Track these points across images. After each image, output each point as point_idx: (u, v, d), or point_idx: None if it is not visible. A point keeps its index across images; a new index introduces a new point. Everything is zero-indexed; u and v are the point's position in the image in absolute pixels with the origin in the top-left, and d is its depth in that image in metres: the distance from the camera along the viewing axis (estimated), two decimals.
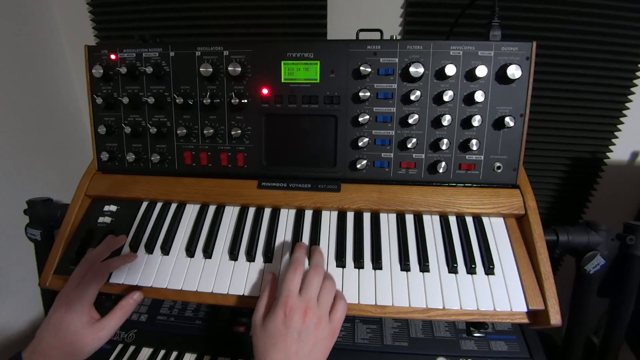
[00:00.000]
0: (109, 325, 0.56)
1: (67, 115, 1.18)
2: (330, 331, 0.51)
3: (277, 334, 0.48)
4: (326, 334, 0.51)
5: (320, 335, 0.50)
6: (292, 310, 0.49)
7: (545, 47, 0.96)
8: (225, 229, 0.67)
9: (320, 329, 0.50)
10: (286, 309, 0.49)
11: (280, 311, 0.50)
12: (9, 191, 0.95)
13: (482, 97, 0.62)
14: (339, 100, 0.66)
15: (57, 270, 0.65)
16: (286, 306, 0.50)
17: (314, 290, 0.52)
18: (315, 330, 0.49)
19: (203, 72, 0.65)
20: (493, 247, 0.62)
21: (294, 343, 0.48)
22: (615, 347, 0.75)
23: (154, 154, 0.70)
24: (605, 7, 0.95)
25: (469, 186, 0.67)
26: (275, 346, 0.48)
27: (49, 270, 0.65)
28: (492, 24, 0.63)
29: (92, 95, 0.70)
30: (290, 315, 0.49)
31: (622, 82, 1.02)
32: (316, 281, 0.53)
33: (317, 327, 0.50)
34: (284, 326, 0.49)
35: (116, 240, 0.65)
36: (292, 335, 0.48)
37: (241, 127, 0.68)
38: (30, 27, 1.04)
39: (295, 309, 0.49)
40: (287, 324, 0.49)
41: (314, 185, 0.68)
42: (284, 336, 0.48)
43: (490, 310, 0.56)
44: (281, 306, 0.50)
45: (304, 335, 0.49)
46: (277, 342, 0.48)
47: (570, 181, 1.12)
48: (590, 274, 0.67)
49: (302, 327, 0.49)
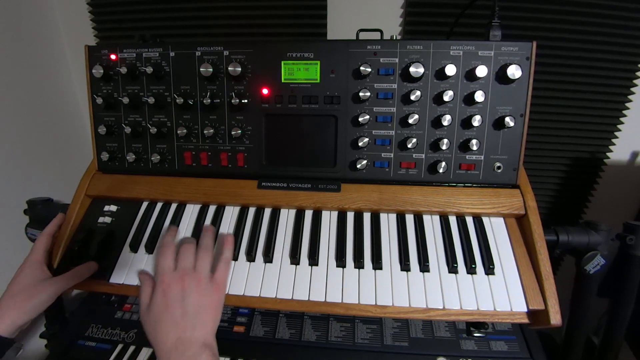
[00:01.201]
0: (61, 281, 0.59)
1: (67, 115, 1.18)
2: (213, 288, 0.53)
3: (162, 309, 0.50)
4: (210, 291, 0.53)
5: (204, 293, 0.52)
6: (170, 284, 0.52)
7: (545, 47, 0.96)
8: (226, 229, 0.67)
9: (201, 289, 0.52)
10: (164, 286, 0.52)
11: (159, 290, 0.52)
12: (9, 191, 0.95)
13: (482, 97, 0.62)
14: (339, 100, 0.66)
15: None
16: (163, 283, 0.52)
17: (187, 261, 0.55)
18: (196, 291, 0.52)
19: (203, 72, 0.65)
20: (493, 247, 0.62)
21: (178, 307, 0.50)
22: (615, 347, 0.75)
23: (154, 154, 0.70)
24: (605, 7, 0.95)
25: (469, 186, 0.67)
26: (161, 320, 0.50)
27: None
28: (492, 24, 0.63)
29: (92, 95, 0.70)
30: (169, 289, 0.51)
31: (622, 82, 1.02)
32: (188, 254, 0.56)
33: (198, 288, 0.52)
34: (165, 300, 0.51)
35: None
36: (175, 304, 0.50)
37: (241, 127, 0.68)
38: (30, 27, 1.04)
39: (172, 282, 0.52)
40: (168, 296, 0.51)
41: (314, 185, 0.68)
42: (166, 308, 0.50)
43: (490, 310, 0.56)
44: (159, 285, 0.52)
45: (187, 298, 0.51)
46: (163, 316, 0.50)
47: (570, 181, 1.12)
48: (590, 274, 0.67)
49: (183, 294, 0.51)
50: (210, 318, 0.52)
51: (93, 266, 0.63)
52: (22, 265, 0.60)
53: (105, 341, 0.73)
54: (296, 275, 0.60)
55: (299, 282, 0.60)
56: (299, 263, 0.62)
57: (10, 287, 0.57)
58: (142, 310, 0.53)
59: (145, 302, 0.54)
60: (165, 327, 0.49)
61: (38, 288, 0.57)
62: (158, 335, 0.49)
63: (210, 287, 0.53)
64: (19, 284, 0.57)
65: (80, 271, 0.61)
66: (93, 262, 0.63)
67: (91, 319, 0.78)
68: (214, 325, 0.52)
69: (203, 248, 0.58)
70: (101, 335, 0.74)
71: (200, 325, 0.50)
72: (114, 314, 0.79)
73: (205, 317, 0.51)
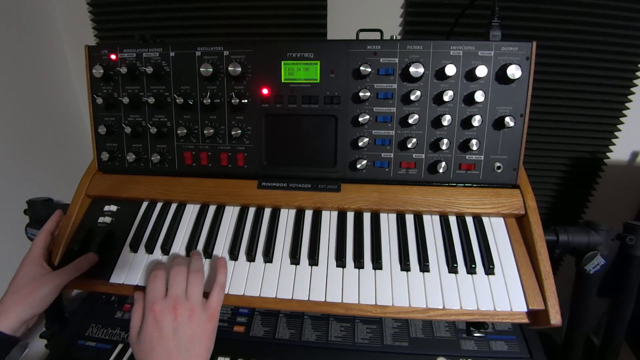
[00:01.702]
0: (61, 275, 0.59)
1: (67, 115, 1.18)
2: (207, 317, 0.52)
3: (153, 340, 0.49)
4: (203, 320, 0.51)
5: (197, 323, 0.50)
6: (161, 312, 0.50)
7: (545, 47, 0.96)
8: (226, 229, 0.67)
9: (194, 319, 0.50)
10: (155, 314, 0.50)
11: (149, 318, 0.50)
12: (9, 191, 0.95)
13: (482, 97, 0.62)
14: (339, 100, 0.66)
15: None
16: (154, 311, 0.50)
17: (179, 287, 0.52)
18: (190, 322, 0.50)
19: (203, 72, 0.65)
20: (493, 247, 0.62)
21: (171, 340, 0.48)
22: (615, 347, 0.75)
23: (154, 154, 0.70)
24: (605, 7, 0.95)
25: (469, 186, 0.67)
26: (154, 351, 0.48)
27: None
28: (492, 24, 0.63)
29: (92, 95, 0.70)
30: (160, 317, 0.49)
31: (622, 82, 1.02)
32: (179, 279, 0.53)
33: (191, 318, 0.50)
34: (157, 330, 0.49)
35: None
36: (167, 334, 0.49)
37: (241, 127, 0.68)
38: (30, 27, 1.04)
39: (163, 311, 0.50)
40: (159, 326, 0.49)
41: (314, 185, 0.68)
42: (159, 339, 0.48)
43: (490, 310, 0.56)
44: (149, 313, 0.50)
45: (180, 329, 0.49)
46: (155, 347, 0.48)
47: (570, 181, 1.12)
48: (590, 274, 0.67)
49: (175, 324, 0.49)
50: (204, 348, 0.51)
51: (93, 257, 0.63)
52: (21, 263, 0.60)
53: (105, 341, 0.73)
54: (296, 275, 0.60)
55: (299, 282, 0.60)
56: (299, 263, 0.62)
57: (12, 285, 0.57)
58: (133, 335, 0.52)
59: (136, 326, 0.52)
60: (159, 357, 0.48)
61: (40, 282, 0.57)
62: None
63: (203, 317, 0.52)
64: (20, 280, 0.58)
65: (81, 263, 0.61)
66: (93, 253, 0.63)
67: (91, 319, 0.78)
68: (207, 355, 0.51)
69: (194, 272, 0.56)
70: (101, 335, 0.75)
71: (194, 357, 0.49)
72: (114, 314, 0.79)
73: (199, 348, 0.50)
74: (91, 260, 0.62)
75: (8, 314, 0.53)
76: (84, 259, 0.62)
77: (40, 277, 0.58)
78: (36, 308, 0.56)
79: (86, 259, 0.62)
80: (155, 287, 0.53)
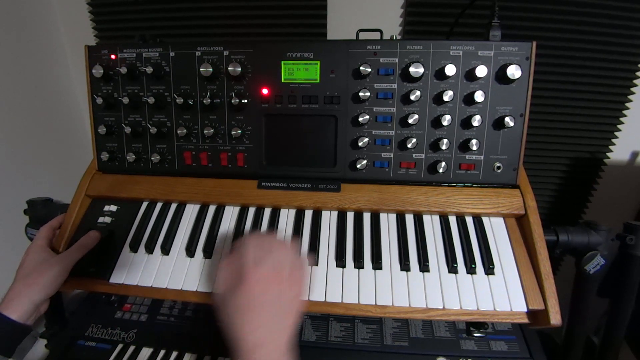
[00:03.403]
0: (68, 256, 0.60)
1: (67, 115, 1.18)
2: (295, 292, 0.51)
3: (247, 305, 0.48)
4: (292, 296, 0.51)
5: (285, 299, 0.50)
6: (259, 281, 0.49)
7: (545, 47, 0.96)
8: (226, 229, 0.67)
9: (284, 293, 0.50)
10: (252, 281, 0.48)
11: (246, 284, 0.49)
12: (9, 191, 0.95)
13: (482, 97, 0.62)
14: (339, 100, 0.66)
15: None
16: (252, 277, 0.49)
17: (273, 259, 0.51)
18: (283, 295, 0.49)
19: (203, 72, 0.65)
20: (493, 247, 0.62)
21: (265, 309, 0.48)
22: (615, 347, 0.75)
23: (154, 154, 0.70)
24: (605, 7, 0.95)
25: (469, 186, 0.67)
26: (245, 315, 0.47)
27: None
28: (492, 24, 0.63)
29: (92, 95, 0.70)
30: (257, 286, 0.48)
31: (622, 82, 1.02)
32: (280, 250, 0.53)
33: (285, 291, 0.50)
34: (253, 296, 0.48)
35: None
36: (262, 303, 0.48)
37: (241, 127, 0.68)
38: (30, 27, 1.04)
39: (261, 280, 0.49)
40: (256, 294, 0.48)
41: (314, 185, 0.68)
42: (254, 306, 0.48)
43: (490, 310, 0.56)
44: (246, 277, 0.49)
45: (275, 300, 0.49)
46: (247, 313, 0.47)
47: (570, 181, 1.12)
48: (590, 274, 0.67)
49: (271, 295, 0.48)
50: (294, 322, 0.50)
51: (95, 235, 0.65)
52: (26, 252, 0.61)
53: (105, 341, 0.73)
54: None
55: None
56: None
57: (20, 271, 0.58)
58: (219, 298, 0.51)
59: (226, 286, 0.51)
60: (250, 325, 0.47)
61: (49, 263, 0.58)
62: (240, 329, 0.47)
63: (292, 292, 0.51)
64: (28, 266, 0.59)
65: (85, 241, 0.63)
66: (95, 230, 0.65)
67: (91, 319, 0.77)
68: (294, 329, 0.50)
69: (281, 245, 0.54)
70: (101, 335, 0.74)
71: (284, 328, 0.48)
72: (114, 314, 0.79)
73: (289, 321, 0.49)
74: (94, 238, 0.64)
75: (21, 298, 0.55)
76: (87, 237, 0.64)
77: (48, 259, 0.59)
78: (47, 290, 0.57)
79: (89, 237, 0.64)
80: (249, 253, 0.51)
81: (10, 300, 0.55)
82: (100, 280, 0.63)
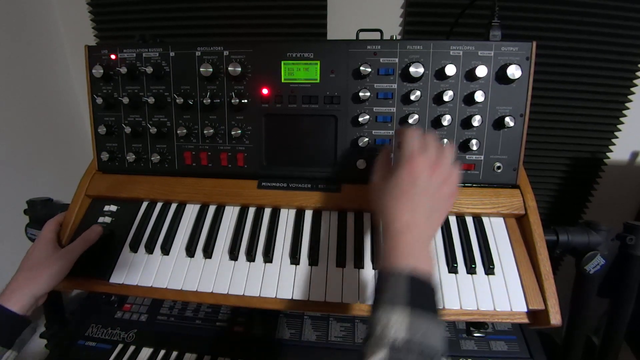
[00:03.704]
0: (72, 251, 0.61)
1: (67, 115, 1.18)
2: (451, 192, 0.51)
3: (403, 189, 0.48)
4: (449, 194, 0.51)
5: (444, 194, 0.50)
6: (418, 168, 0.49)
7: (545, 47, 0.96)
8: (226, 229, 0.67)
9: (443, 189, 0.50)
10: (412, 167, 0.49)
11: (405, 170, 0.49)
12: (9, 191, 0.95)
13: (482, 97, 0.62)
14: (339, 100, 0.66)
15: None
16: (412, 164, 0.49)
17: (434, 152, 0.51)
18: (439, 189, 0.49)
19: (203, 72, 0.65)
20: (493, 247, 0.62)
21: (421, 196, 0.48)
22: (615, 347, 0.75)
23: (154, 154, 0.70)
24: (605, 7, 0.95)
25: (469, 186, 0.67)
26: (399, 198, 0.48)
27: None
28: (492, 24, 0.63)
29: (92, 95, 0.70)
30: (416, 172, 0.48)
31: (622, 82, 1.02)
32: (435, 144, 0.52)
33: (441, 186, 0.49)
34: (410, 182, 0.48)
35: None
36: (418, 190, 0.48)
37: (241, 127, 0.68)
38: (30, 27, 1.04)
39: (420, 168, 0.49)
40: (413, 180, 0.48)
41: (314, 185, 0.68)
42: (409, 191, 0.48)
43: (490, 310, 0.56)
44: (406, 165, 0.49)
45: (431, 189, 0.48)
46: (404, 196, 0.48)
47: (570, 181, 1.12)
48: (590, 274, 0.67)
49: (428, 184, 0.48)
50: (442, 217, 0.51)
51: (99, 229, 0.66)
52: (34, 244, 0.63)
53: (105, 341, 0.73)
54: (296, 275, 0.60)
55: (298, 282, 0.60)
56: (298, 263, 0.62)
57: (24, 263, 0.60)
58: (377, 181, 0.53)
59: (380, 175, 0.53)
60: (403, 207, 0.47)
61: (53, 258, 0.60)
62: (392, 211, 0.48)
63: (449, 190, 0.50)
64: (33, 259, 0.60)
65: (89, 236, 0.64)
66: (97, 225, 0.67)
67: (91, 319, 0.78)
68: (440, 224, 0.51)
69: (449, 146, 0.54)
70: (101, 335, 0.75)
71: (433, 220, 0.49)
72: (114, 314, 0.79)
73: (438, 214, 0.50)
74: (97, 232, 0.65)
75: (22, 291, 0.56)
76: (90, 231, 0.65)
77: (52, 254, 0.61)
78: (49, 285, 0.58)
79: (92, 231, 0.65)
80: (415, 142, 0.51)
81: (12, 292, 0.56)
82: (100, 280, 0.63)
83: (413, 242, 0.45)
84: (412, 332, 0.38)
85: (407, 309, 0.39)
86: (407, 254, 0.44)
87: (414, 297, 0.40)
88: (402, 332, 0.38)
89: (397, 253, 0.44)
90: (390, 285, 0.42)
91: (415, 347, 0.37)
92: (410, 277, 0.42)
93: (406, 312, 0.39)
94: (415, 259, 0.44)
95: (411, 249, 0.45)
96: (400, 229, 0.46)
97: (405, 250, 0.45)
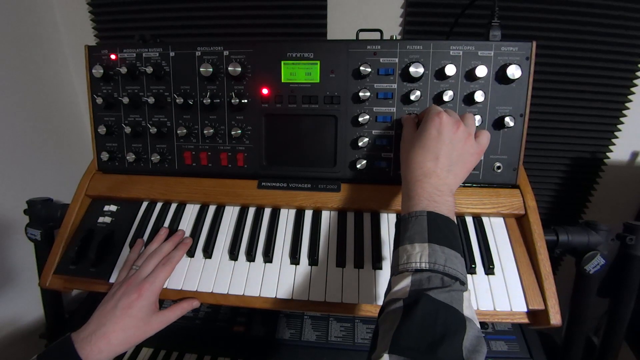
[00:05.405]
0: (169, 317, 0.58)
1: (67, 115, 1.18)
2: (477, 149, 0.54)
3: (430, 139, 0.52)
4: (473, 150, 0.54)
5: (468, 149, 0.53)
6: (445, 122, 0.52)
7: (545, 47, 0.96)
8: (225, 229, 0.67)
9: (468, 144, 0.53)
10: (441, 120, 0.52)
11: (435, 120, 0.53)
12: (9, 191, 0.95)
13: (482, 97, 0.62)
14: (339, 100, 0.66)
15: (57, 270, 0.65)
16: (441, 118, 0.52)
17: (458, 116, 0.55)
18: (464, 143, 0.53)
19: (203, 72, 0.65)
20: (493, 247, 0.62)
21: (444, 146, 0.51)
22: (615, 347, 0.75)
23: (154, 154, 0.70)
24: (605, 7, 0.95)
25: (469, 186, 0.67)
26: (424, 147, 0.52)
27: (49, 270, 0.65)
28: (492, 24, 0.63)
29: (92, 95, 0.70)
30: (444, 125, 0.52)
31: (622, 82, 1.02)
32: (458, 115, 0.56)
33: (467, 141, 0.53)
34: (437, 133, 0.52)
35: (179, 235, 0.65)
36: (444, 140, 0.51)
37: (241, 127, 0.68)
38: (30, 27, 1.04)
39: (447, 123, 0.52)
40: (440, 132, 0.52)
41: (314, 185, 0.68)
42: (435, 140, 0.51)
43: (490, 310, 0.56)
44: (435, 116, 0.53)
45: (455, 142, 0.52)
46: (428, 145, 0.52)
47: (570, 181, 1.12)
48: (590, 274, 0.67)
49: (453, 137, 0.52)
50: (464, 171, 0.53)
51: (194, 302, 0.61)
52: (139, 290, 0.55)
53: None
54: (296, 275, 0.61)
55: (298, 282, 0.60)
56: (298, 263, 0.62)
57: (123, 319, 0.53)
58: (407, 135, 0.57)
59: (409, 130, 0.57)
60: (425, 156, 0.51)
61: (150, 325, 0.55)
62: (416, 160, 0.52)
63: (474, 147, 0.54)
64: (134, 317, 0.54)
65: (184, 305, 0.60)
66: (194, 298, 0.61)
67: None
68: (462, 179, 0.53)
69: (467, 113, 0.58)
70: None
71: (454, 172, 0.51)
72: None
73: (460, 168, 0.52)
74: (193, 304, 0.60)
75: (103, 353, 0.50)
76: (186, 302, 0.60)
77: (150, 317, 0.56)
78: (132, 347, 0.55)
79: (188, 303, 0.60)
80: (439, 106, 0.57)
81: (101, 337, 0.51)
82: (100, 280, 0.63)
83: (432, 189, 0.48)
84: (434, 259, 0.42)
85: (427, 243, 0.43)
86: (427, 199, 0.47)
87: (433, 234, 0.44)
88: (425, 257, 0.42)
89: (418, 198, 0.48)
90: (411, 226, 0.46)
91: (439, 268, 0.42)
92: (428, 218, 0.45)
93: (426, 245, 0.43)
94: (435, 203, 0.47)
95: (430, 195, 0.48)
96: (421, 176, 0.50)
97: (424, 195, 0.48)
